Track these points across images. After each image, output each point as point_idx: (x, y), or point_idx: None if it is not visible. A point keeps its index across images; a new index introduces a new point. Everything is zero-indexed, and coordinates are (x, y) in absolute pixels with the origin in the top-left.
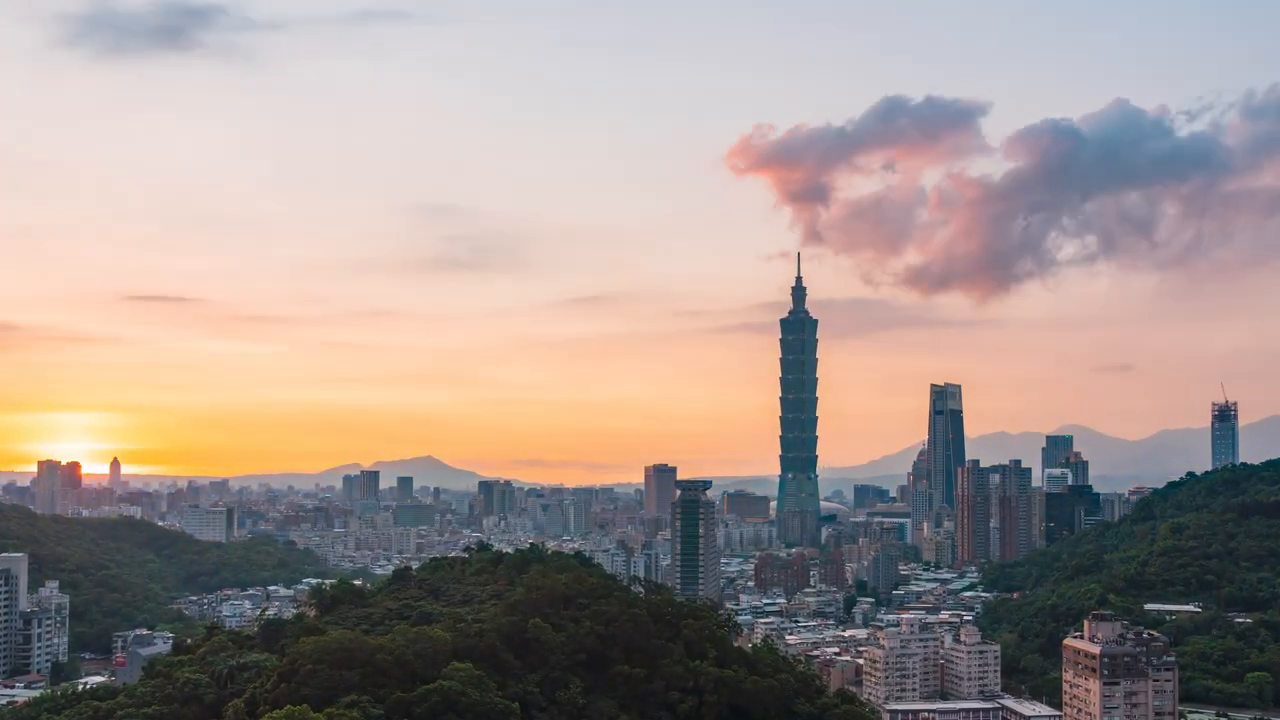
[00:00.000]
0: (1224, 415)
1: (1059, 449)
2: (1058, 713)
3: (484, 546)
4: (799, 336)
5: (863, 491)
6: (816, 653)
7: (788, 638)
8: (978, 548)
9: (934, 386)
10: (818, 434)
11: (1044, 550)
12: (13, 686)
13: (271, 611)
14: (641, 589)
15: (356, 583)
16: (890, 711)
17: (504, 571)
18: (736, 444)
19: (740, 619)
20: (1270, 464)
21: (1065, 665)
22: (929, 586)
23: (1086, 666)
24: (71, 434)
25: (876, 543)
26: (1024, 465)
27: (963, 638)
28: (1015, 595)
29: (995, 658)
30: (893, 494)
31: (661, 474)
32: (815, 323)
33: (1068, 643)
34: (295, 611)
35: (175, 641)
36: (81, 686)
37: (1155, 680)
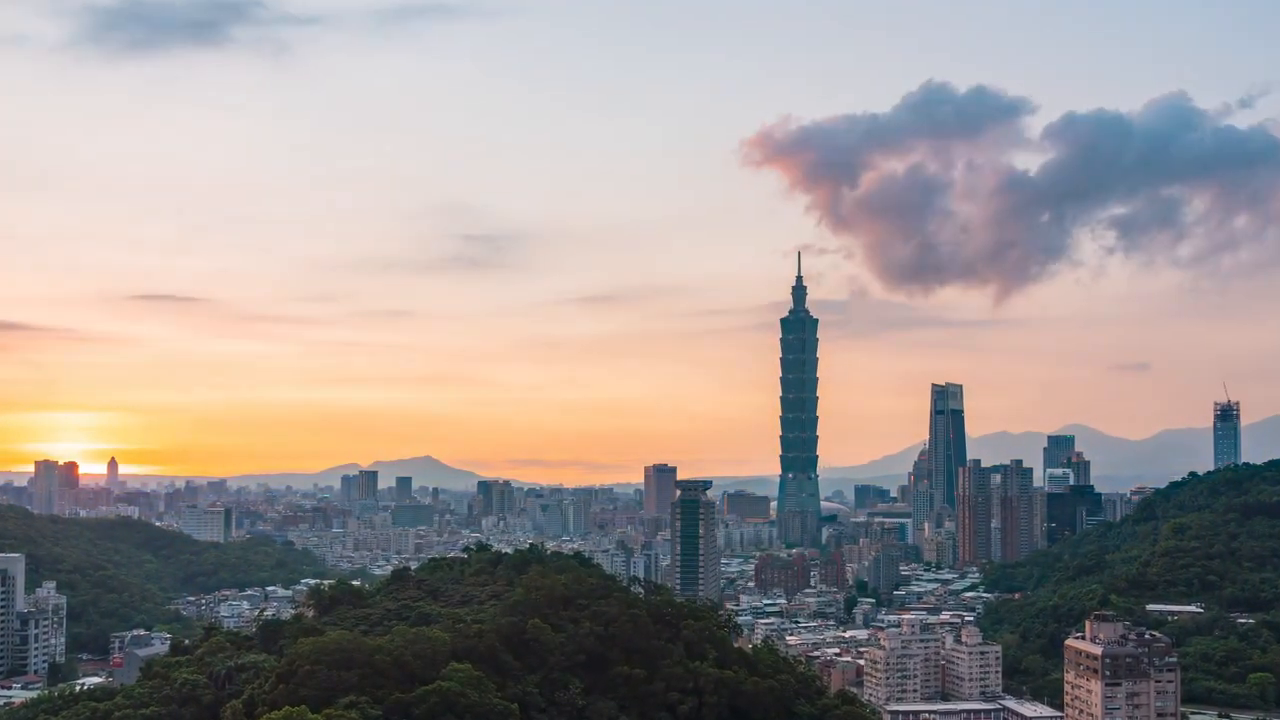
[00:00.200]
0: (1226, 415)
1: (1060, 449)
2: (1059, 714)
3: (483, 547)
4: (799, 336)
5: (863, 491)
6: (817, 653)
7: (788, 638)
8: (979, 548)
9: (935, 386)
10: (818, 434)
11: (1045, 551)
12: (10, 687)
13: (270, 612)
14: (641, 589)
15: (355, 583)
16: (891, 712)
17: (503, 572)
18: (737, 444)
19: (740, 620)
20: (1273, 464)
21: (1067, 666)
22: (930, 587)
23: (1088, 667)
24: (69, 434)
25: (877, 543)
26: (1025, 465)
27: (964, 638)
28: (1016, 596)
29: (996, 658)
30: (893, 494)
31: (661, 474)
32: (816, 322)
33: (1069, 643)
34: (293, 612)
35: (173, 642)
36: (79, 687)
37: (1157, 681)
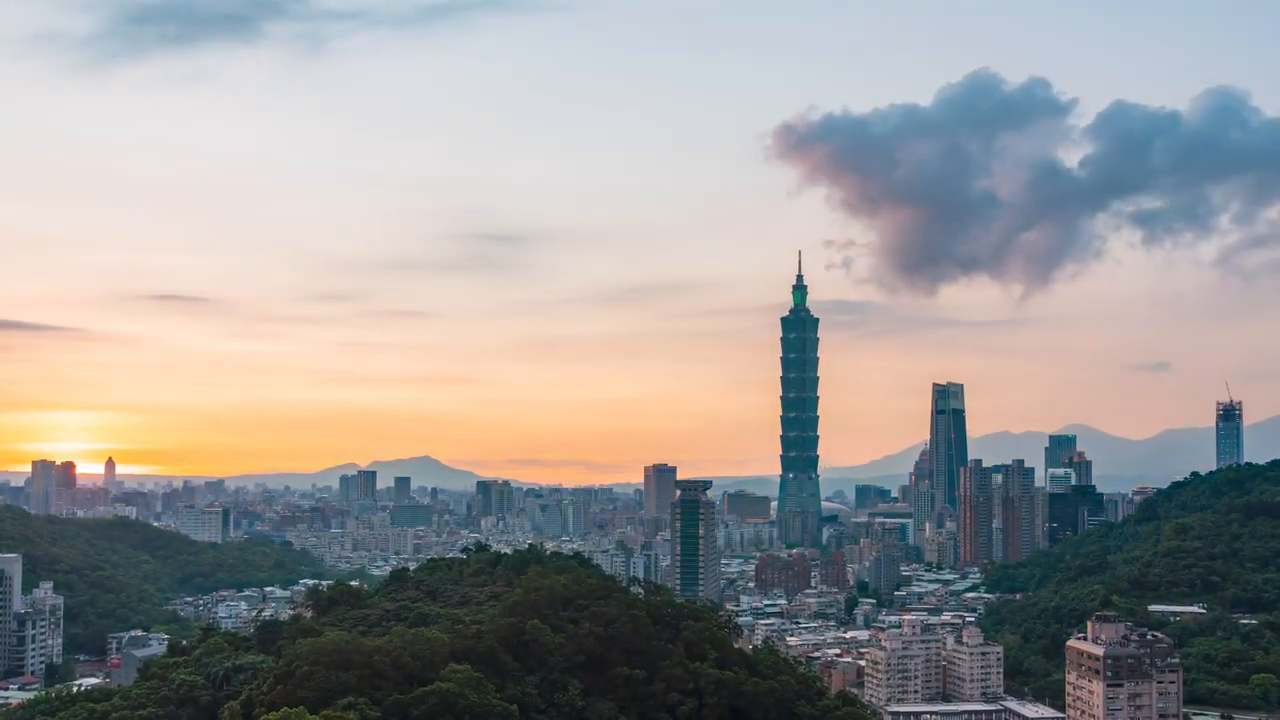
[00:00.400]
0: (1229, 414)
1: (1062, 449)
2: (1061, 715)
3: (482, 547)
4: (800, 335)
5: (864, 491)
6: (817, 654)
7: (788, 639)
8: (980, 548)
9: (936, 385)
10: (819, 433)
11: (1047, 551)
12: (7, 688)
13: (268, 613)
14: (641, 590)
15: (353, 584)
16: (892, 713)
17: (502, 572)
18: (737, 443)
19: (741, 620)
20: (1276, 464)
21: (1068, 667)
22: (931, 587)
23: (1090, 668)
24: (66, 433)
25: (878, 543)
26: (1027, 465)
27: (965, 639)
28: (1018, 596)
29: (998, 659)
30: (894, 494)
31: (661, 474)
32: (816, 321)
33: (1071, 644)
34: (291, 613)
35: (170, 643)
36: (76, 688)
37: (1159, 682)
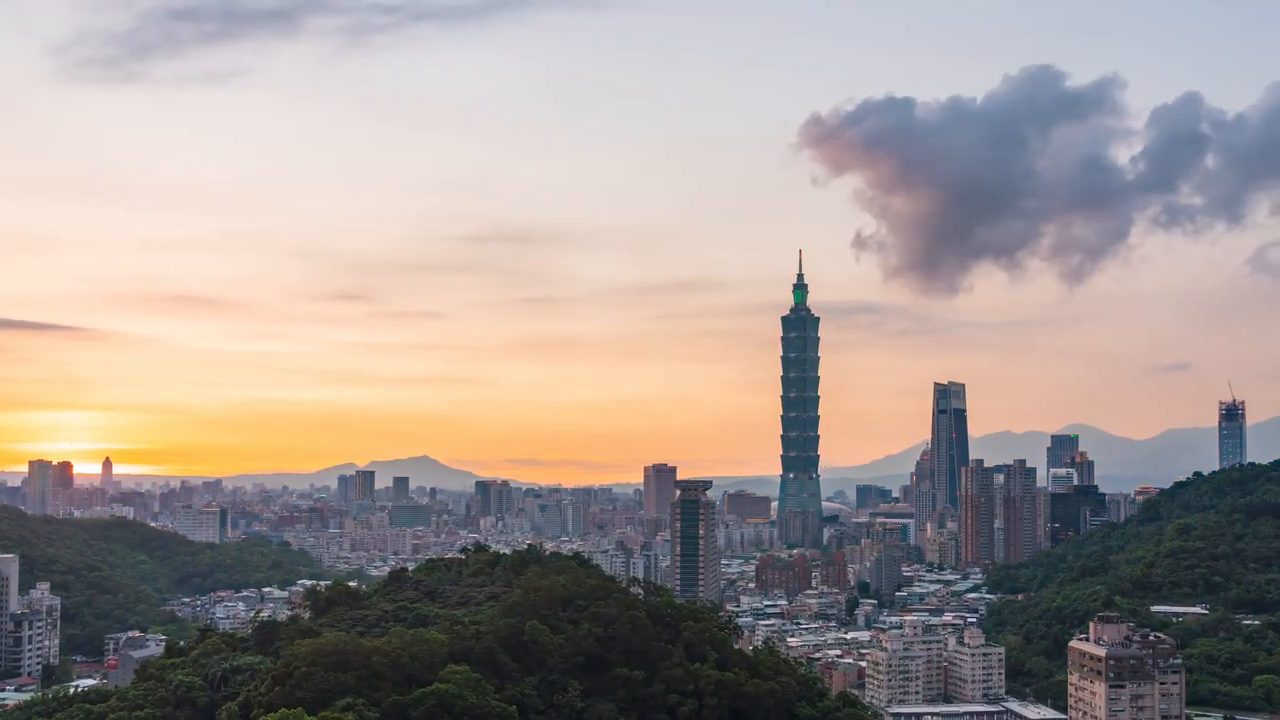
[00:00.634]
0: (1231, 414)
1: (1064, 448)
2: (1063, 716)
3: (481, 547)
4: (800, 334)
5: (865, 492)
6: (818, 655)
7: (789, 640)
8: (982, 549)
9: (937, 385)
10: (819, 433)
11: (1049, 551)
12: (3, 689)
13: (265, 613)
14: (641, 590)
15: (352, 584)
16: (893, 715)
17: (501, 573)
18: (737, 443)
19: (741, 621)
20: (1279, 464)
21: (1070, 668)
22: (932, 588)
23: (1092, 669)
24: (64, 433)
25: (879, 544)
26: (1029, 465)
27: (966, 640)
28: (1020, 597)
29: (999, 660)
30: (895, 494)
31: (661, 474)
32: (817, 320)
33: (1073, 645)
34: (289, 613)
35: (168, 644)
36: (73, 689)
37: (1162, 683)
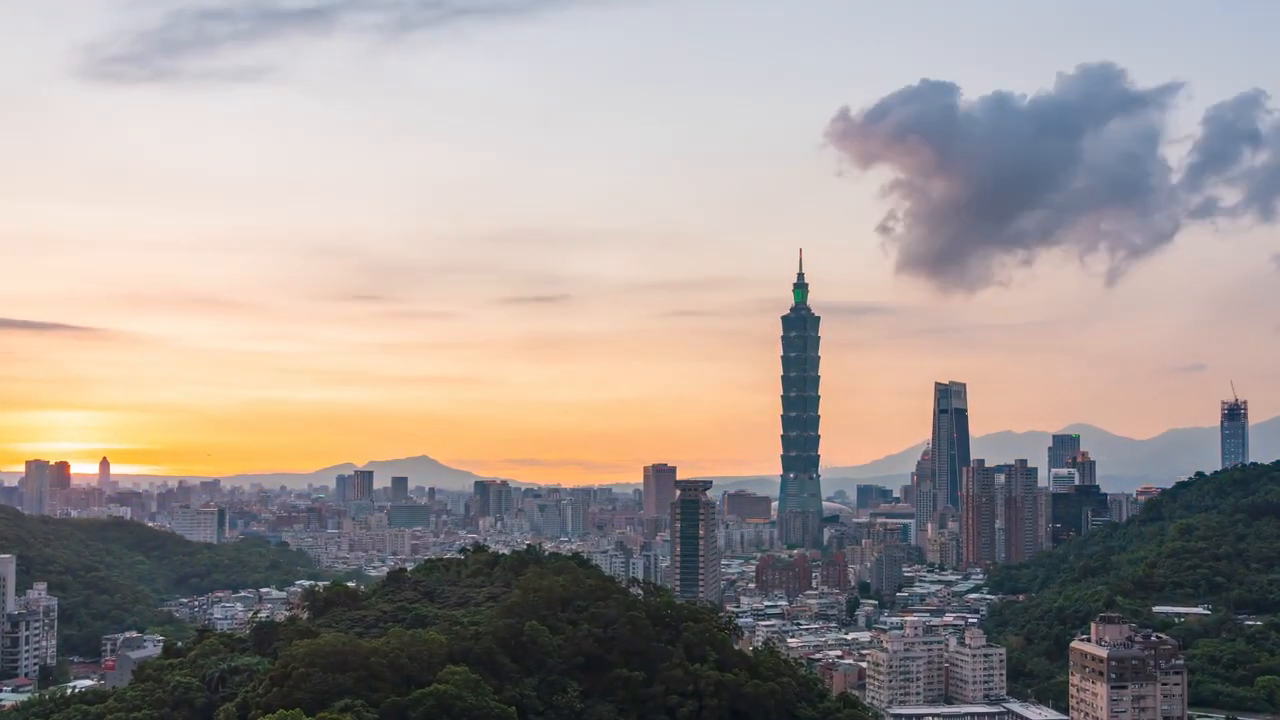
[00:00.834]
0: (1234, 414)
1: (1065, 448)
2: (1064, 717)
3: (480, 548)
4: (801, 333)
5: (865, 492)
6: (819, 656)
7: (789, 640)
8: (983, 549)
9: (938, 385)
10: (820, 433)
11: (1050, 551)
12: (0, 690)
13: (264, 614)
14: (640, 591)
15: (350, 585)
16: (894, 716)
17: (500, 573)
18: (737, 443)
19: (741, 622)
20: None
21: (1072, 669)
22: (933, 588)
23: (1094, 670)
24: (62, 433)
25: (880, 544)
26: (1030, 465)
27: (967, 641)
28: (1021, 597)
29: (1000, 661)
30: (896, 494)
31: (661, 474)
32: (817, 320)
33: (1074, 646)
34: (288, 614)
35: (165, 644)
36: (70, 690)
37: (1164, 684)
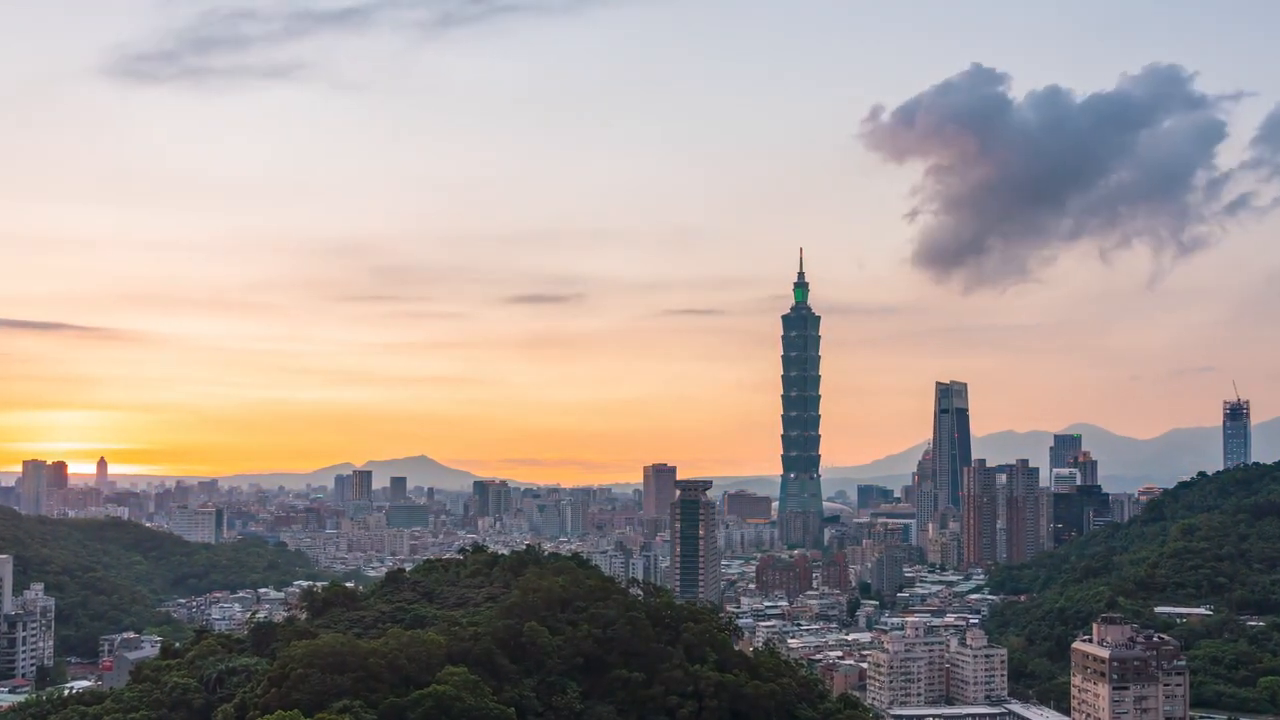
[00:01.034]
0: (1236, 414)
1: (1067, 448)
2: (1066, 718)
3: (479, 548)
4: (801, 333)
5: (866, 492)
6: (819, 657)
7: (790, 641)
8: (984, 549)
9: (939, 384)
10: (820, 433)
11: (1052, 552)
12: None
13: (262, 614)
14: (640, 591)
15: (348, 585)
16: (894, 717)
17: (499, 574)
18: (737, 443)
19: (741, 622)
20: None
21: (1074, 669)
22: (934, 589)
23: (1095, 671)
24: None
25: (880, 544)
26: (1031, 465)
27: (969, 641)
28: (1022, 598)
29: (1002, 662)
30: (897, 494)
31: (660, 474)
32: (818, 319)
33: (1076, 646)
34: (286, 614)
35: (163, 645)
36: (67, 691)
37: (1166, 685)
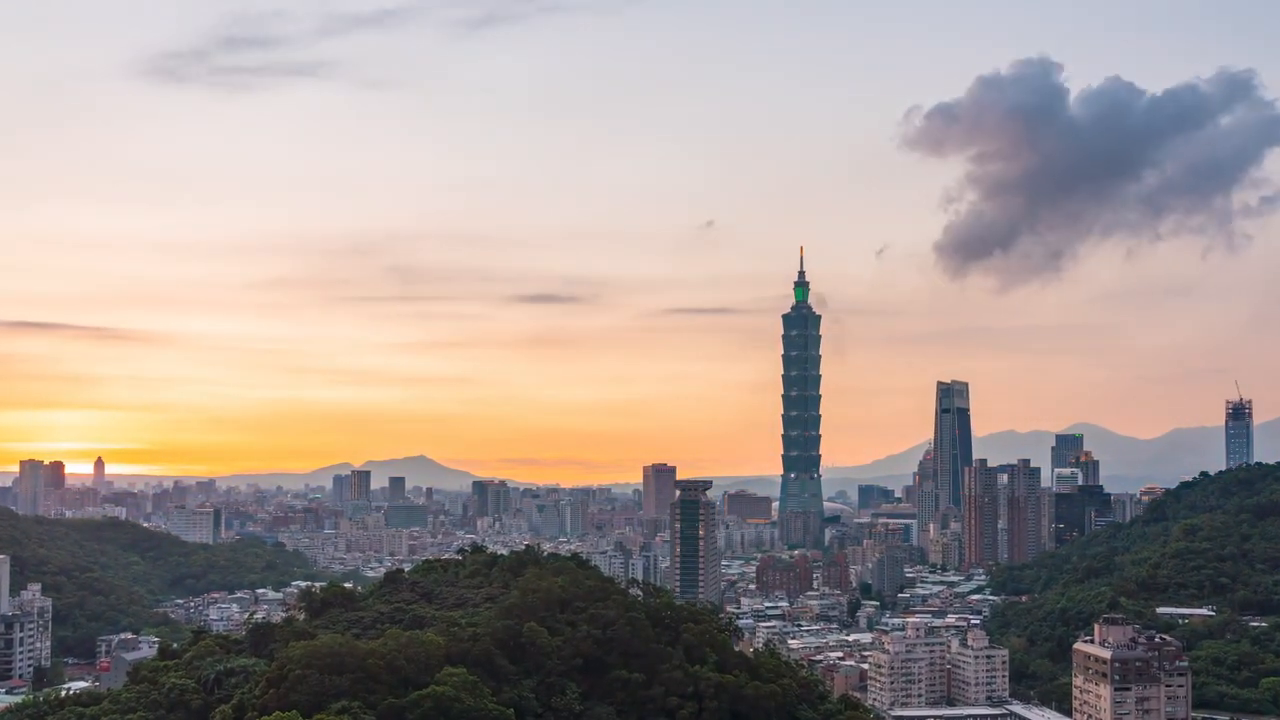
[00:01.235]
0: (1238, 413)
1: (1069, 448)
2: (1067, 719)
3: (478, 548)
4: (802, 332)
5: (867, 492)
6: (820, 657)
7: (790, 642)
8: (985, 549)
9: (940, 384)
10: (820, 433)
11: (1053, 552)
12: None
13: (260, 615)
14: (640, 592)
15: (347, 585)
16: (895, 718)
17: (499, 574)
18: (737, 443)
19: (741, 623)
20: None
21: (1075, 670)
22: (935, 589)
23: (1097, 671)
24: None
25: (881, 544)
26: (1033, 465)
27: (970, 642)
28: (1024, 598)
29: (1003, 663)
30: (898, 494)
31: (660, 474)
32: (818, 319)
33: (1078, 647)
34: (284, 615)
35: (161, 646)
36: (65, 692)
37: (1167, 686)
